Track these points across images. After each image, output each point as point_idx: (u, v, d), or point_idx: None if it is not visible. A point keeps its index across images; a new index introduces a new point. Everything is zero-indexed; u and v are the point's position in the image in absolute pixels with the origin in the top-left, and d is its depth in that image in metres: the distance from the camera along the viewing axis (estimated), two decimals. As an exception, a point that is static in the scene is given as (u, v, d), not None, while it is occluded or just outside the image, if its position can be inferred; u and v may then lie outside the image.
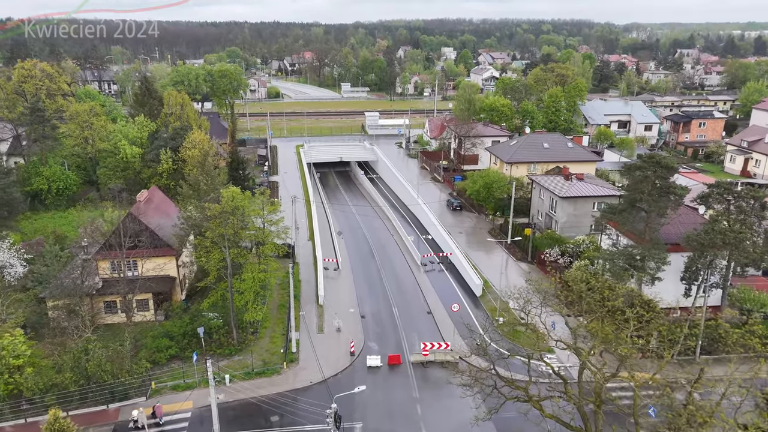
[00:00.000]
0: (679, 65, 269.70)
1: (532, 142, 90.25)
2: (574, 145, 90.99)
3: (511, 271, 66.52)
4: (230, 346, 49.32)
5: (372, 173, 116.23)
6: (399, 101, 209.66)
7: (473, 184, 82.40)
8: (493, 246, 73.81)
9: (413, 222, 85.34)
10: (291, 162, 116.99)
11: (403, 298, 60.92)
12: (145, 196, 58.96)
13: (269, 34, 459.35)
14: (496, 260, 69.68)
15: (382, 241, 78.54)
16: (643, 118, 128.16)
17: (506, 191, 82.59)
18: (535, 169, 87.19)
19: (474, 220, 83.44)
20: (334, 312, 56.99)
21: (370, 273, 67.74)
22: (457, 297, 61.03)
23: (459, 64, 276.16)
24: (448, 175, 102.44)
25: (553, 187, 72.25)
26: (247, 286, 48.49)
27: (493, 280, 63.76)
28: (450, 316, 56.40)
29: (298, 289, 61.70)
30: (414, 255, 72.24)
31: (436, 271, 68.33)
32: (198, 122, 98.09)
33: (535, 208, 78.01)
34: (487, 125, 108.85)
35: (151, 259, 53.76)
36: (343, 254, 72.72)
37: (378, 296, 61.50)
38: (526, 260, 68.62)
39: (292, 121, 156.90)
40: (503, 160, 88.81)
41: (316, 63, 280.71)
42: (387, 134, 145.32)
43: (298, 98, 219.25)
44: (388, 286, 64.00)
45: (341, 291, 62.32)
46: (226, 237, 47.98)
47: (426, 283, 64.72)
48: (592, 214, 70.25)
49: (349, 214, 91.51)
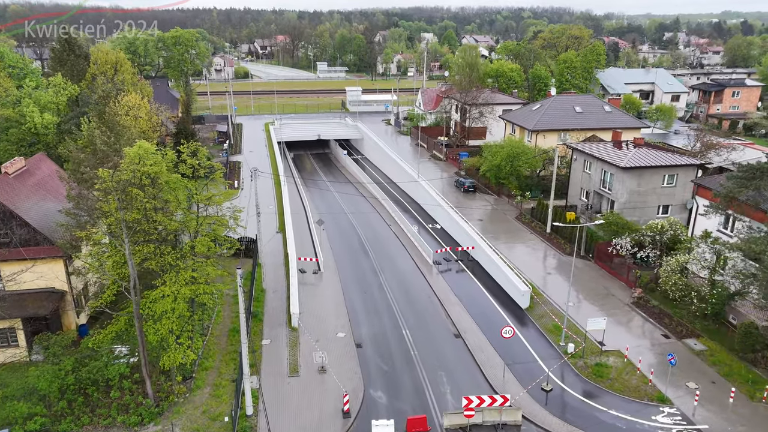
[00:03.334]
0: (675, 44, 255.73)
1: (562, 106, 71.86)
2: (612, 108, 72.82)
3: (560, 270, 47.90)
4: (142, 408, 29.58)
5: (356, 153, 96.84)
6: (381, 81, 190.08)
7: (492, 157, 63.58)
8: (525, 236, 55.13)
9: (415, 209, 66.29)
10: (258, 141, 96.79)
11: (414, 313, 41.84)
12: (18, 166, 38.59)
13: (239, 20, 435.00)
14: (534, 256, 51.03)
15: (377, 232, 59.34)
16: (669, 87, 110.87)
17: (535, 165, 64.04)
18: (566, 138, 68.82)
19: (493, 204, 64.68)
20: (314, 339, 37.66)
21: (364, 276, 48.53)
22: (493, 310, 42.16)
23: (443, 44, 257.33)
24: (452, 152, 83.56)
25: (609, 156, 53.84)
26: (165, 307, 28.61)
27: (539, 284, 44.99)
28: (491, 341, 37.52)
29: (261, 303, 42.07)
30: (422, 250, 53.24)
31: (453, 272, 49.43)
32: (139, 87, 77.51)
33: (576, 186, 59.52)
34: (496, 92, 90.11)
35: (20, 263, 33.71)
36: (326, 250, 53.38)
37: (378, 310, 42.32)
38: (578, 254, 50.14)
39: (261, 100, 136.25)
40: (526, 128, 70.23)
41: (289, 45, 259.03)
42: (372, 111, 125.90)
43: (270, 80, 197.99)
44: (390, 294, 44.86)
45: (325, 304, 42.97)
46: (127, 225, 28.25)
47: (443, 288, 45.76)
48: (660, 190, 52.03)
49: (331, 201, 72.04)
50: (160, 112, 73.47)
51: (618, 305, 41.78)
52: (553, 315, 40.14)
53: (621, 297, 42.94)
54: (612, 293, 43.55)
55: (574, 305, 41.46)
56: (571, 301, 41.84)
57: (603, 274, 46.66)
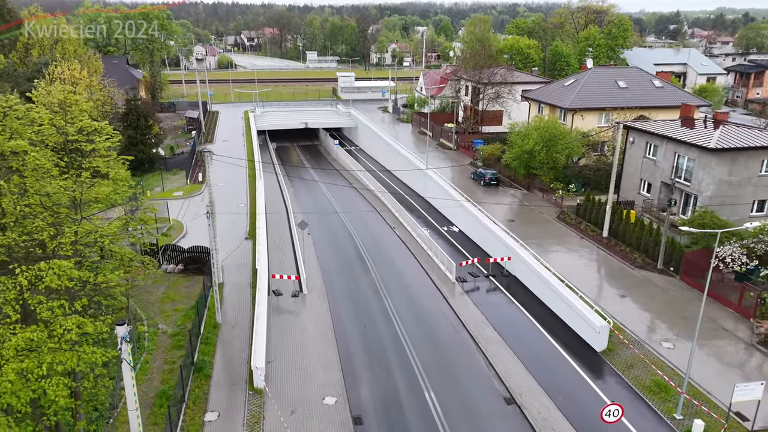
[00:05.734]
0: (683, 33, 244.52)
1: (601, 81, 58.68)
2: (663, 83, 59.71)
3: (635, 290, 34.58)
4: None
5: (350, 145, 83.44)
6: (376, 71, 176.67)
7: (523, 141, 50.27)
8: (574, 241, 41.89)
9: (423, 207, 53.02)
10: (235, 129, 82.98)
11: (439, 360, 28.40)
12: None
13: (226, 13, 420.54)
14: (591, 269, 37.82)
15: (378, 237, 45.96)
16: (703, 68, 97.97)
17: (576, 151, 50.93)
18: (608, 118, 55.72)
19: (523, 200, 51.41)
20: (289, 410, 24.16)
21: (363, 300, 35.06)
22: (553, 353, 28.78)
23: (440, 35, 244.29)
24: (463, 140, 70.23)
25: (688, 136, 40.69)
26: (6, 389, 14.87)
27: (612, 310, 31.68)
28: (563, 411, 24.19)
29: (211, 348, 28.40)
30: (439, 262, 39.91)
31: (484, 292, 36.17)
32: (86, 61, 63.80)
33: (634, 176, 46.28)
34: (512, 69, 76.88)
35: None
36: (311, 264, 39.87)
37: (385, 356, 28.83)
38: (655, 267, 36.93)
39: (245, 89, 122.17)
40: (559, 107, 57.03)
41: (277, 36, 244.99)
42: (366, 99, 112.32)
43: (254, 70, 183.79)
44: (401, 328, 31.43)
45: (307, 347, 29.43)
46: None
47: (475, 318, 32.42)
48: (758, 179, 38.96)
49: (320, 198, 58.68)
50: (110, 90, 59.77)
51: (737, 346, 28.58)
52: (649, 361, 26.86)
53: (736, 332, 29.75)
54: (722, 326, 30.33)
55: (673, 346, 28.24)
56: (668, 340, 28.64)
57: (695, 296, 33.39)
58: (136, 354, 26.44)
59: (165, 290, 33.74)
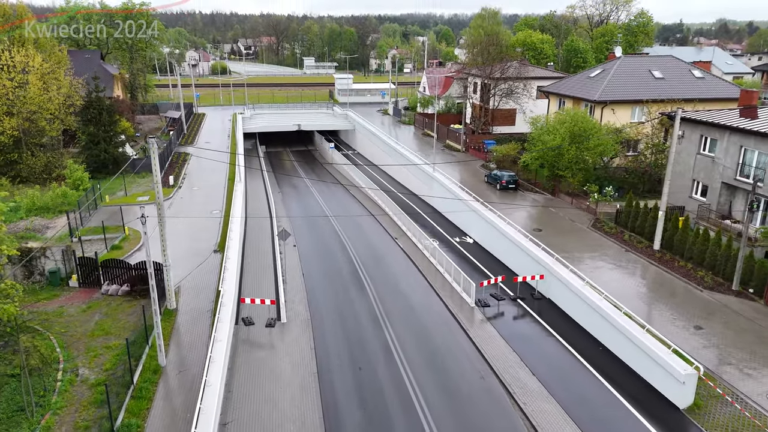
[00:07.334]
0: (691, 40, 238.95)
1: (632, 70, 51.34)
2: (704, 73, 52.33)
3: (710, 319, 26.74)
4: None
5: (347, 149, 76.14)
6: (375, 77, 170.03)
7: (551, 136, 42.68)
8: (617, 254, 34.10)
9: (432, 216, 45.40)
10: (220, 132, 75.52)
11: (464, 425, 20.53)
12: None
13: (224, 23, 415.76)
14: (645, 290, 30.00)
15: (376, 249, 38.23)
16: (729, 67, 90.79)
17: (611, 150, 43.38)
18: (642, 112, 48.22)
19: (547, 205, 43.68)
20: None
21: (358, 331, 27.20)
22: (618, 410, 20.96)
23: (441, 42, 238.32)
24: (473, 141, 62.73)
25: (761, 127, 33.16)
26: None
27: (686, 349, 23.83)
28: None
29: (145, 404, 20.31)
30: (452, 280, 32.18)
31: (511, 319, 28.41)
32: (49, 51, 56.53)
33: (684, 177, 38.57)
34: (526, 63, 69.62)
35: None
36: (295, 282, 32.06)
37: (388, 415, 20.97)
38: (730, 289, 29.14)
39: (235, 92, 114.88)
40: (586, 101, 49.58)
41: (274, 44, 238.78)
42: (365, 102, 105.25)
43: (249, 76, 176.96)
44: (409, 373, 23.57)
45: (280, 401, 21.55)
46: None
47: (504, 357, 24.59)
48: None
49: (310, 202, 51.11)
50: (71, 81, 52.28)
51: None
52: (761, 424, 19.01)
53: None
54: (842, 370, 22.53)
55: (784, 401, 20.45)
56: (776, 393, 20.83)
57: (791, 327, 25.64)
58: (34, 416, 18.64)
59: (100, 319, 25.97)
